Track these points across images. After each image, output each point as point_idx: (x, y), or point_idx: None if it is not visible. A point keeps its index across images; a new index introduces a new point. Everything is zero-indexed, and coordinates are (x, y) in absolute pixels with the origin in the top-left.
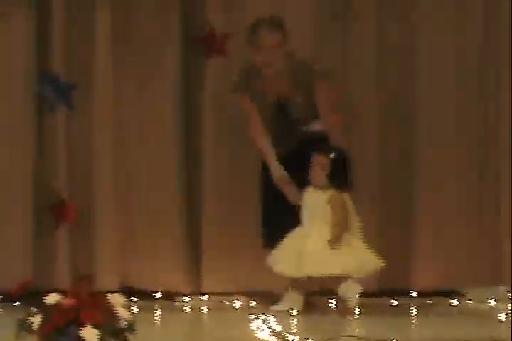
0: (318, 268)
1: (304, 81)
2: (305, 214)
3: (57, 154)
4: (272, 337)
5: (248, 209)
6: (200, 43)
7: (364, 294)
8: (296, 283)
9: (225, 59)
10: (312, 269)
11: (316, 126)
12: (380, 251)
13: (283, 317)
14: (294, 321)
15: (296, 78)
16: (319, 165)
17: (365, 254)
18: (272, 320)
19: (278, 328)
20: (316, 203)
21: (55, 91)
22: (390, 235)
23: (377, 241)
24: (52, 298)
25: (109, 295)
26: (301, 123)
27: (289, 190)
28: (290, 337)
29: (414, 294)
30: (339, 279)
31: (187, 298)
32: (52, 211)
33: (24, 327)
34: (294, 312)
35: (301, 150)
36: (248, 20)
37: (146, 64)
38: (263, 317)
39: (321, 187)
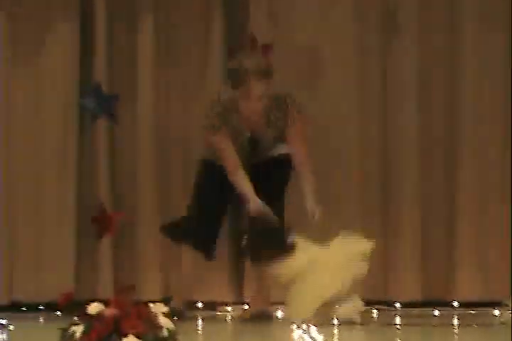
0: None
1: (279, 116)
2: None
3: (99, 165)
4: None
5: None
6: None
7: (407, 304)
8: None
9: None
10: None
11: (281, 150)
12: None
13: (325, 327)
14: (336, 331)
15: (271, 114)
16: None
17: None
18: (313, 330)
19: (320, 338)
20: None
21: (97, 102)
22: (433, 246)
23: (421, 251)
24: (94, 308)
25: (151, 305)
26: (268, 149)
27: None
28: None
29: (456, 304)
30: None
31: (229, 308)
32: (95, 222)
33: (66, 336)
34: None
35: (264, 170)
36: (291, 33)
37: (187, 74)
38: (305, 327)
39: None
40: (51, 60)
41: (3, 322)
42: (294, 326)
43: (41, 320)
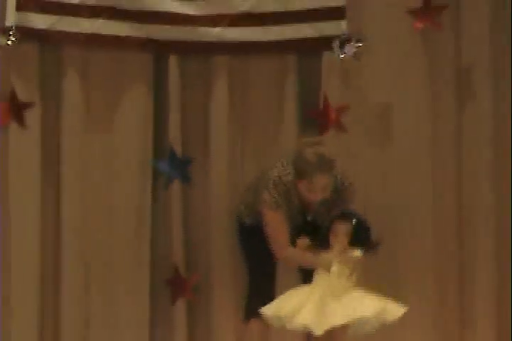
0: (346, 314)
1: (335, 197)
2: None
3: (173, 226)
4: None
5: None
6: (315, 116)
7: None
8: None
9: (342, 133)
10: (339, 317)
11: None
12: None
13: None
14: None
15: (329, 198)
16: (341, 233)
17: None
18: None
19: None
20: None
21: (172, 165)
22: None
23: None
24: None
25: None
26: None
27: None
28: None
29: None
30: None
31: None
32: (169, 285)
33: None
34: None
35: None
36: (362, 98)
37: (261, 140)
38: None
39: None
40: (125, 122)
41: None
42: None
43: None
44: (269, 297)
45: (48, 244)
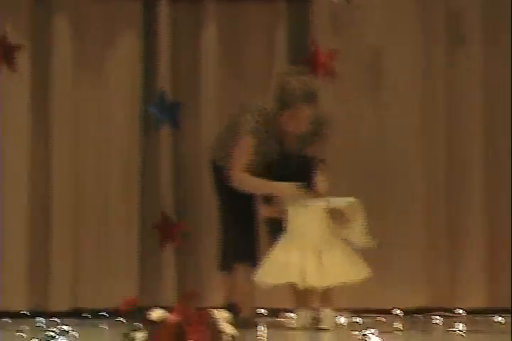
0: (341, 277)
1: (312, 133)
2: (295, 229)
3: (162, 172)
4: None
5: None
6: (306, 63)
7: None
8: (302, 299)
9: (332, 79)
10: (335, 278)
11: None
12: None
13: (387, 334)
14: (400, 339)
15: (308, 135)
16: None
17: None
18: (375, 337)
19: None
20: (314, 218)
21: (160, 109)
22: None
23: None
24: (156, 314)
25: (214, 311)
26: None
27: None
28: None
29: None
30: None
31: (292, 314)
32: (158, 230)
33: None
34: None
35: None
36: (353, 42)
37: (250, 85)
38: (368, 333)
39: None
40: (115, 68)
41: (67, 328)
42: (357, 332)
43: (104, 326)
44: (245, 247)
45: (37, 189)
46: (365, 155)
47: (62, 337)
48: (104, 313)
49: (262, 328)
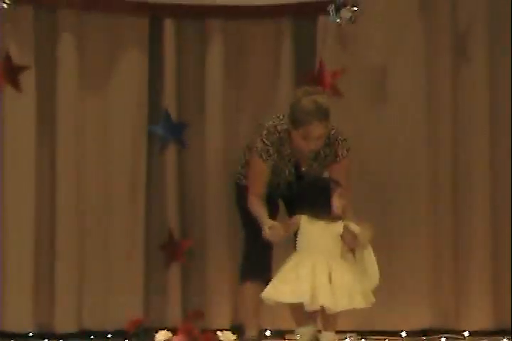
0: (348, 302)
1: (328, 153)
2: (306, 243)
3: (168, 190)
4: None
5: None
6: (311, 80)
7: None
8: (302, 319)
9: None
10: (343, 303)
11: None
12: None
13: None
14: None
15: (321, 150)
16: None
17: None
18: None
19: None
20: (327, 234)
21: (166, 128)
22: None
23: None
24: (162, 336)
25: (219, 333)
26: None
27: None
28: None
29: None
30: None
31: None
32: (164, 249)
33: None
34: None
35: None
36: (358, 61)
37: (258, 101)
38: None
39: (336, 218)
40: (120, 86)
41: None
42: None
43: None
44: (265, 260)
45: (43, 209)
46: (372, 168)
47: None
48: (110, 335)
49: None
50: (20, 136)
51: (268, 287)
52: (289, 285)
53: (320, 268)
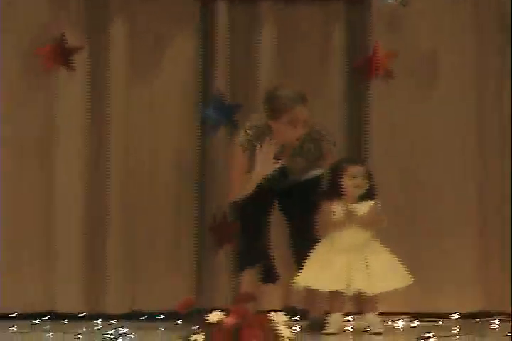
0: (386, 284)
1: (310, 147)
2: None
3: (219, 174)
4: None
5: None
6: (363, 65)
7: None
8: (337, 304)
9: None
10: (381, 286)
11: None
12: None
13: (444, 339)
14: None
15: (304, 144)
16: (358, 177)
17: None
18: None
19: None
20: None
21: (219, 112)
22: None
23: None
24: (214, 317)
25: (272, 314)
26: (295, 177)
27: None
28: None
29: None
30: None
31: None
32: (214, 231)
33: None
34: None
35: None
36: (409, 44)
37: (308, 86)
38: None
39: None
40: (172, 68)
41: (125, 330)
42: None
43: (161, 328)
44: (261, 247)
45: (93, 191)
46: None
47: (119, 340)
48: (161, 316)
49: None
50: (71, 118)
51: (302, 273)
52: (323, 272)
53: (354, 253)
